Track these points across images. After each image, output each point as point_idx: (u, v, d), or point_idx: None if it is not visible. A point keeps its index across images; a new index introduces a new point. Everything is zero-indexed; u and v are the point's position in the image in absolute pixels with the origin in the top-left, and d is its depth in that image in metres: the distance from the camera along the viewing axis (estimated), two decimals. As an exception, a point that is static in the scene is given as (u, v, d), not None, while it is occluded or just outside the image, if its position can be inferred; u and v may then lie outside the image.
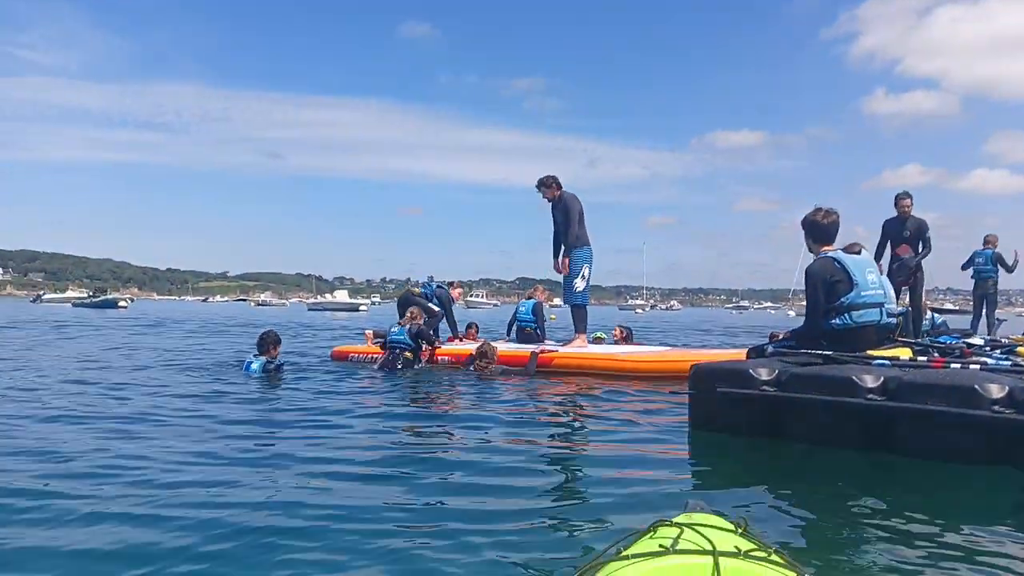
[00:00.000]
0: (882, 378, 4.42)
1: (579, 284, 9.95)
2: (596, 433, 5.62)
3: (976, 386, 4.01)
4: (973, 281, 14.02)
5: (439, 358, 10.11)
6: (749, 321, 52.20)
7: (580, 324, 10.13)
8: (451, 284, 12.34)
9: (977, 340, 6.96)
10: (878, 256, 10.54)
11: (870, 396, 4.36)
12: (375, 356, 10.26)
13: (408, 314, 10.12)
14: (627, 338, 12.41)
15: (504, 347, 10.08)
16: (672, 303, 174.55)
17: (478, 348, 9.39)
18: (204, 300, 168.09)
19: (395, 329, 9.96)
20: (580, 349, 9.74)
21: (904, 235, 10.71)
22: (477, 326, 13.26)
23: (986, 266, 13.85)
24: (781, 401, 4.78)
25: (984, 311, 13.86)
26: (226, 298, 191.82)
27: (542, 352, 9.32)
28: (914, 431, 4.23)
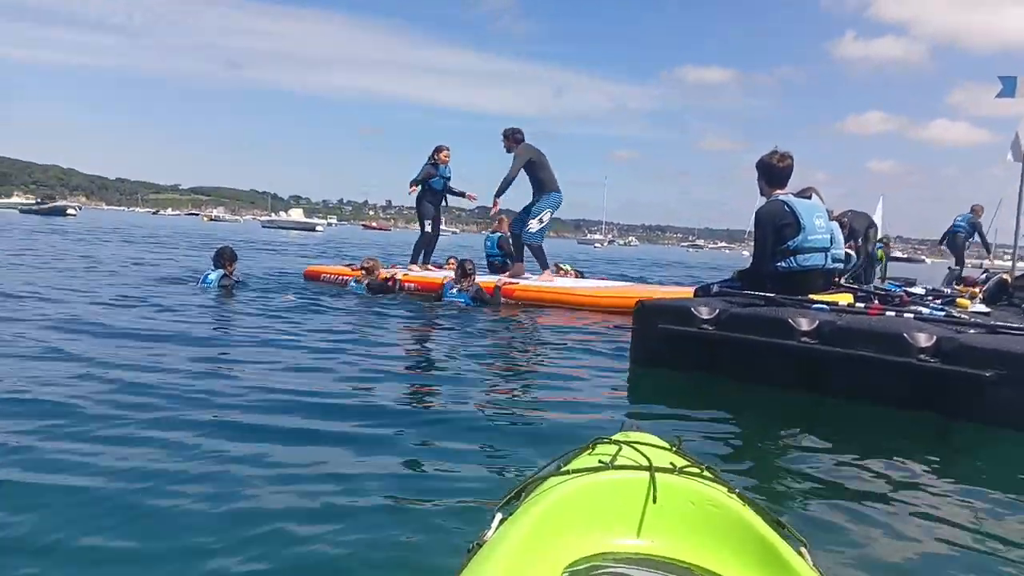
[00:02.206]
0: (817, 322, 4.52)
1: (533, 225, 10.14)
2: (541, 365, 5.69)
3: (905, 334, 4.13)
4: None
5: (406, 285, 10.08)
6: (703, 260, 53.01)
7: (541, 261, 10.36)
8: (437, 150, 11.16)
9: (918, 289, 7.14)
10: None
11: (804, 339, 4.46)
12: (344, 277, 10.45)
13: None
14: (578, 273, 12.52)
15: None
16: (630, 239, 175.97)
17: (462, 264, 9.36)
18: (155, 212, 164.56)
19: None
20: (545, 283, 9.89)
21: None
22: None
23: (961, 224, 15.16)
24: (719, 340, 4.88)
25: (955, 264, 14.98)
26: (177, 211, 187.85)
27: (505, 285, 9.44)
28: (844, 375, 4.35)
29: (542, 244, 10.36)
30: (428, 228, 11.14)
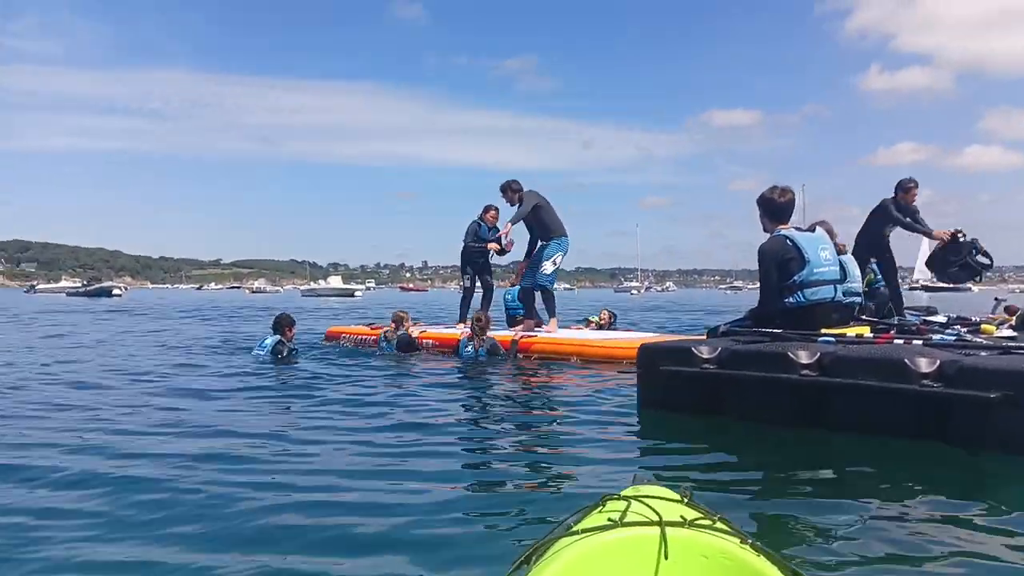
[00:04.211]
0: (817, 354, 4.39)
1: (547, 267, 10.02)
2: (551, 418, 5.63)
3: (905, 360, 3.99)
4: None
5: (423, 341, 10.09)
6: (743, 301, 52.34)
7: (550, 307, 10.26)
8: (485, 209, 11.09)
9: (939, 318, 6.97)
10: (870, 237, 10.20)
11: (804, 372, 4.33)
12: (363, 336, 10.61)
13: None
14: (611, 322, 12.42)
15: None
16: (668, 285, 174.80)
17: (476, 319, 9.35)
18: (199, 288, 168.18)
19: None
20: (555, 335, 9.83)
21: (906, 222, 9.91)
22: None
23: None
24: (721, 378, 4.78)
25: None
26: (220, 285, 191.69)
27: (522, 339, 9.40)
28: (845, 406, 4.21)
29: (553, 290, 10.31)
30: (467, 283, 11.19)
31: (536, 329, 10.07)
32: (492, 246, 10.58)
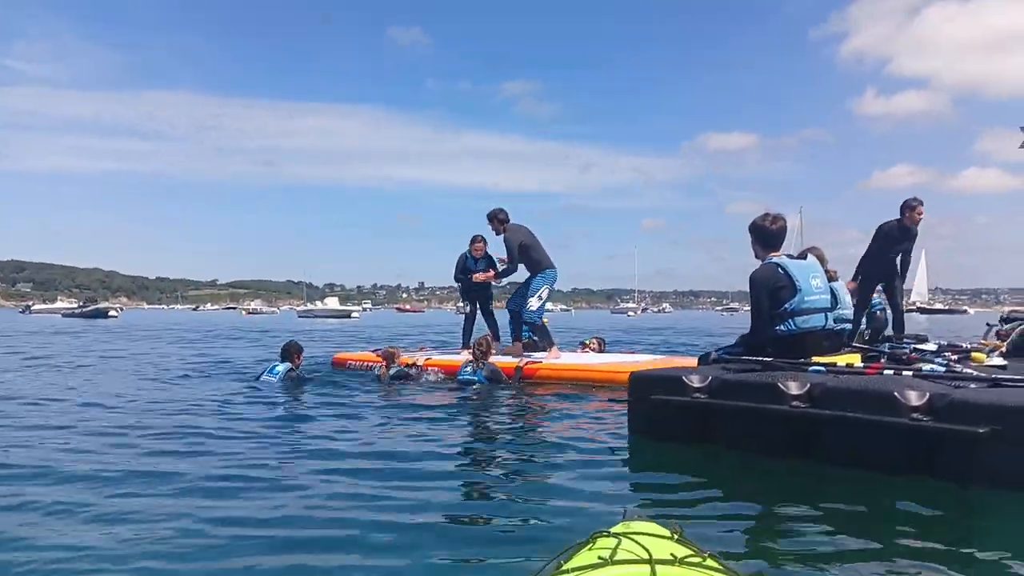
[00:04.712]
0: (807, 385, 4.39)
1: (533, 303, 10.23)
2: (544, 448, 5.53)
3: (895, 393, 3.97)
4: None
5: (428, 368, 10.01)
6: (740, 323, 52.35)
7: (545, 338, 10.36)
8: (472, 241, 11.12)
9: (929, 345, 6.95)
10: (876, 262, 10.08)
11: (794, 403, 4.33)
12: (370, 363, 10.62)
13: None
14: (601, 348, 12.41)
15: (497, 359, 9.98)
16: (664, 306, 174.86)
17: (477, 344, 9.37)
18: (194, 309, 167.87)
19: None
20: (556, 360, 9.83)
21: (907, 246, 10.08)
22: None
23: None
24: (711, 408, 4.77)
25: None
26: (216, 306, 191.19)
27: (526, 365, 9.41)
28: (836, 439, 4.19)
29: (542, 322, 10.42)
30: (467, 310, 11.45)
31: (527, 354, 10.09)
32: (477, 278, 10.80)
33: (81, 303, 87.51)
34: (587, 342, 12.66)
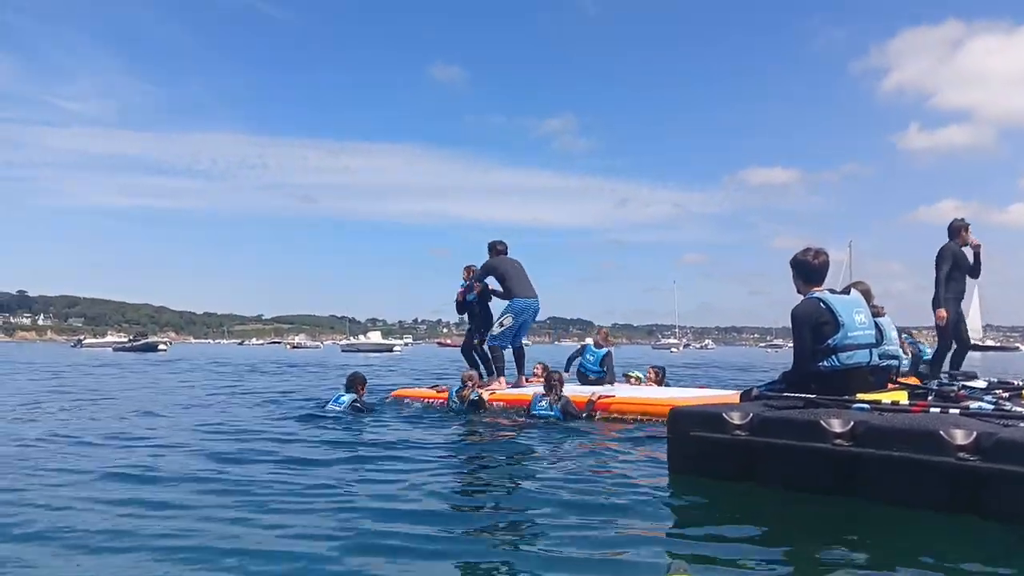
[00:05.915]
0: (851, 423, 4.34)
1: (495, 329, 10.86)
2: (598, 487, 5.33)
3: (941, 432, 3.92)
4: None
5: (492, 403, 10.00)
6: (784, 359, 51.42)
7: (497, 365, 10.86)
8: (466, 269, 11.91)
9: (979, 383, 6.80)
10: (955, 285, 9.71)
11: (837, 441, 4.28)
12: (430, 400, 10.73)
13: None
14: (660, 379, 12.12)
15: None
16: (707, 342, 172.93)
17: (548, 377, 9.44)
18: (240, 343, 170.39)
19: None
20: (634, 393, 9.89)
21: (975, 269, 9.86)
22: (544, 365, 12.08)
23: None
24: (752, 446, 4.73)
25: None
26: (261, 341, 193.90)
27: (600, 399, 9.20)
28: (878, 476, 4.14)
29: (506, 351, 10.93)
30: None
31: (493, 385, 10.53)
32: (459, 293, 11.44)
33: (131, 337, 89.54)
34: (630, 374, 12.43)
